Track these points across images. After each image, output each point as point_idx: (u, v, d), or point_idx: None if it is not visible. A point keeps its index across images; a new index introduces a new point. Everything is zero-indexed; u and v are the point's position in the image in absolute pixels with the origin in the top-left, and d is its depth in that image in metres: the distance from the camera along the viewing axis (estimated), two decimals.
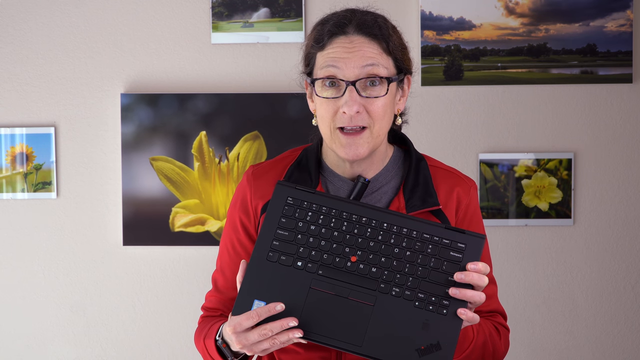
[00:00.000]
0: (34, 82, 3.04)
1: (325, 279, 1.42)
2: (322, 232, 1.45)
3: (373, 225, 1.45)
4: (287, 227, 1.45)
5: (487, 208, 2.99)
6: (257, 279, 1.43)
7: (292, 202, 1.46)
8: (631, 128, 3.00)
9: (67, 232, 3.04)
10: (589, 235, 3.01)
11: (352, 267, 1.43)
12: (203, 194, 3.00)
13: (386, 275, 1.42)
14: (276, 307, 1.39)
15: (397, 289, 1.41)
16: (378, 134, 1.57)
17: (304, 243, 1.44)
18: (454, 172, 1.69)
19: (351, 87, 1.53)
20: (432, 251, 1.43)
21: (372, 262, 1.43)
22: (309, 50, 1.61)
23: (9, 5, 3.03)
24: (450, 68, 2.98)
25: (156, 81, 3.02)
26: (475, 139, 3.01)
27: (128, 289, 3.05)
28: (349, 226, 1.45)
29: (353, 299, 1.42)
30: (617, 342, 3.02)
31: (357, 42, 1.55)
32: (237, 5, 3.00)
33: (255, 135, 2.99)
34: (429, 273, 1.42)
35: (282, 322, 1.38)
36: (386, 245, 1.44)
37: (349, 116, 1.54)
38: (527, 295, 3.01)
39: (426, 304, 1.41)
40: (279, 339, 1.39)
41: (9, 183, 3.03)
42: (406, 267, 1.42)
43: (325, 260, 1.43)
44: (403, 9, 2.99)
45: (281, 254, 1.44)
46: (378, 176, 1.64)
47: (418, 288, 1.41)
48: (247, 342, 1.40)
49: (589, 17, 2.97)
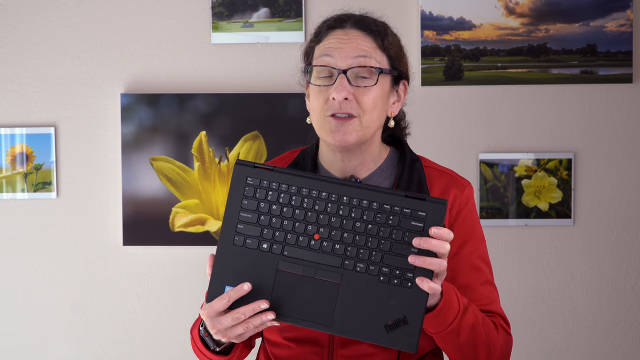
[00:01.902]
0: (34, 82, 3.04)
1: (291, 260, 1.41)
2: (283, 211, 1.42)
3: (333, 199, 1.41)
4: (249, 209, 1.43)
5: (487, 208, 2.99)
6: (226, 264, 1.42)
7: (251, 182, 1.43)
8: (631, 128, 3.00)
9: (67, 232, 3.05)
10: (589, 235, 3.01)
11: (315, 245, 1.41)
12: (203, 194, 3.00)
13: (349, 251, 1.40)
14: (243, 287, 1.39)
15: (361, 264, 1.39)
16: (367, 125, 1.58)
17: (267, 224, 1.42)
18: (449, 173, 1.69)
19: (342, 75, 1.56)
20: (393, 222, 1.39)
21: (334, 238, 1.40)
22: (308, 45, 1.66)
23: (9, 5, 3.03)
24: (450, 68, 2.98)
25: (156, 81, 3.02)
26: (475, 139, 3.01)
27: (128, 289, 3.05)
28: (309, 203, 1.41)
29: (320, 278, 1.40)
30: (617, 342, 3.02)
31: (352, 35, 1.60)
32: (237, 5, 3.00)
33: (255, 135, 2.99)
34: (392, 245, 1.39)
35: (253, 305, 1.38)
36: (347, 220, 1.40)
37: (338, 103, 1.55)
38: (527, 295, 3.01)
39: (390, 278, 1.38)
40: (252, 322, 1.39)
41: (9, 183, 3.03)
42: (369, 241, 1.39)
43: (289, 241, 1.41)
44: (403, 9, 2.99)
45: (246, 237, 1.42)
46: (372, 176, 1.65)
47: (382, 262, 1.39)
48: (221, 326, 1.41)
49: (589, 17, 2.97)
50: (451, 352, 1.55)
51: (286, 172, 1.44)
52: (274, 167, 1.44)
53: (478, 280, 1.63)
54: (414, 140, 2.98)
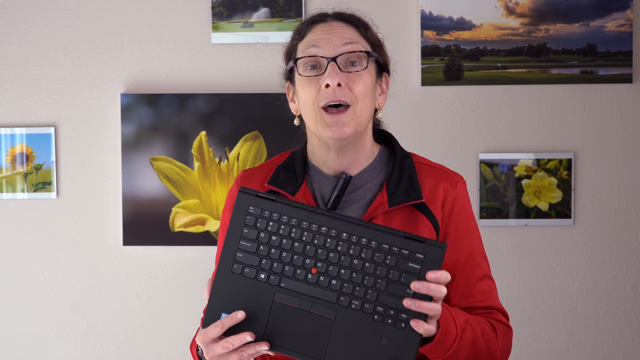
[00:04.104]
0: (34, 82, 3.04)
1: (287, 292, 1.41)
2: (283, 242, 1.42)
3: (332, 235, 1.41)
4: (249, 238, 1.43)
5: (487, 208, 2.99)
6: (223, 292, 1.43)
7: (253, 211, 1.44)
8: (631, 128, 3.00)
9: (67, 232, 3.05)
10: (589, 235, 3.01)
11: (312, 279, 1.41)
12: (203, 194, 3.00)
13: (345, 287, 1.40)
14: (237, 315, 1.40)
15: (356, 302, 1.40)
16: (361, 113, 1.59)
17: (266, 254, 1.43)
18: (440, 168, 1.69)
19: (332, 62, 1.57)
20: (390, 262, 1.39)
21: (331, 274, 1.41)
22: (290, 44, 1.67)
23: (9, 5, 3.03)
24: (450, 68, 2.98)
25: (156, 81, 3.02)
26: (475, 139, 3.01)
27: (128, 289, 3.05)
28: (308, 236, 1.42)
29: (314, 312, 1.41)
30: (617, 342, 3.02)
31: (336, 26, 1.62)
32: (237, 5, 3.00)
33: (255, 135, 2.99)
34: (388, 285, 1.39)
35: (240, 337, 1.39)
36: (345, 257, 1.41)
37: (332, 90, 1.56)
38: (527, 295, 3.01)
39: (384, 318, 1.38)
40: (246, 351, 1.40)
41: (9, 183, 3.03)
42: (365, 279, 1.39)
43: (286, 273, 1.42)
44: (403, 9, 2.99)
45: (245, 266, 1.43)
46: (362, 173, 1.65)
47: (377, 301, 1.39)
48: (214, 353, 1.42)
49: (589, 17, 2.97)
50: None
51: (288, 203, 1.44)
52: (276, 197, 1.45)
53: (475, 276, 1.63)
54: (414, 141, 2.99)
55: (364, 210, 1.62)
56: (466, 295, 1.62)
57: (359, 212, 1.62)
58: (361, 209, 1.62)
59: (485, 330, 1.57)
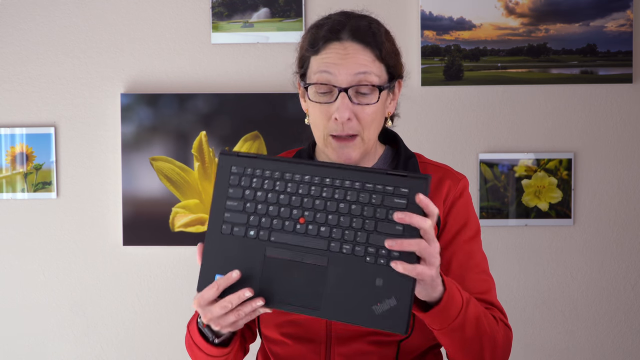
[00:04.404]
0: (34, 82, 3.04)
1: (278, 245, 1.40)
2: (268, 197, 1.42)
3: (316, 182, 1.41)
4: (235, 197, 1.43)
5: (487, 208, 2.99)
6: (215, 253, 1.43)
7: (236, 170, 1.44)
8: (631, 128, 3.00)
9: (67, 232, 3.05)
10: (589, 235, 3.01)
11: (301, 229, 1.40)
12: (203, 194, 3.00)
13: (335, 233, 1.39)
14: (232, 275, 1.39)
15: (347, 246, 1.38)
16: (368, 139, 1.59)
17: (253, 211, 1.42)
18: (444, 167, 1.69)
19: (343, 93, 1.55)
20: (376, 201, 1.37)
21: (319, 221, 1.39)
22: (303, 52, 1.63)
23: (9, 5, 3.03)
24: (450, 68, 2.98)
25: (156, 81, 3.02)
26: (475, 139, 3.01)
27: (128, 289, 3.05)
28: (292, 187, 1.41)
29: (307, 262, 1.39)
30: (617, 342, 3.02)
31: (351, 49, 1.57)
32: (237, 5, 3.00)
33: (255, 135, 2.99)
34: (377, 224, 1.36)
35: (238, 294, 1.38)
36: (331, 202, 1.39)
37: (341, 123, 1.55)
38: (527, 295, 3.01)
39: (377, 258, 1.36)
40: (243, 309, 1.39)
41: (9, 183, 3.03)
42: (353, 222, 1.37)
43: (275, 226, 1.41)
44: (403, 9, 2.99)
45: (233, 225, 1.42)
46: None
47: (367, 242, 1.37)
48: (212, 315, 1.41)
49: (589, 17, 2.97)
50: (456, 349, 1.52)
51: (269, 158, 1.44)
52: (257, 154, 1.45)
53: (473, 270, 1.62)
54: (414, 141, 2.99)
55: None
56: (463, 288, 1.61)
57: None
58: None
59: (487, 314, 1.55)
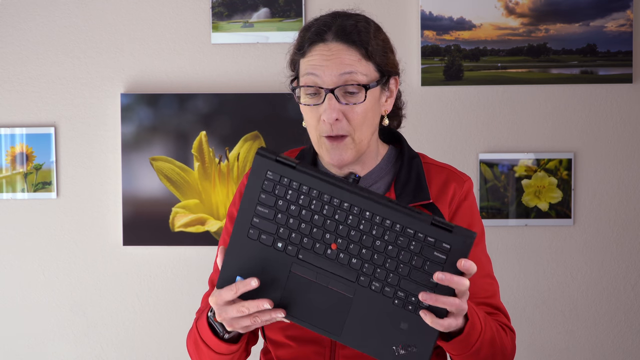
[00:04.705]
0: (34, 82, 3.04)
1: (305, 264, 1.38)
2: (302, 213, 1.37)
3: (355, 212, 1.36)
4: (266, 204, 1.38)
5: (487, 208, 2.99)
6: (238, 255, 1.39)
7: (271, 176, 1.38)
8: (631, 128, 3.00)
9: (67, 232, 3.05)
10: (589, 235, 3.01)
11: (332, 254, 1.37)
12: (203, 194, 3.00)
13: (366, 268, 1.36)
14: (251, 282, 1.37)
15: (377, 283, 1.36)
16: (360, 140, 1.58)
17: (284, 223, 1.37)
18: (448, 168, 1.68)
19: (330, 94, 1.54)
20: (415, 248, 1.34)
21: (352, 252, 1.36)
22: (292, 56, 1.65)
23: (9, 5, 3.03)
24: (450, 68, 2.98)
25: (156, 81, 3.02)
26: (475, 139, 3.01)
27: (128, 289, 3.05)
28: (329, 210, 1.36)
29: (333, 288, 1.38)
30: (617, 342, 3.02)
31: (335, 49, 1.56)
32: (237, 5, 3.00)
33: (255, 135, 2.99)
34: (411, 271, 1.34)
35: (257, 303, 1.37)
36: (367, 236, 1.36)
37: (329, 125, 1.55)
38: (527, 295, 3.01)
39: (405, 304, 1.35)
40: (260, 317, 1.38)
41: (9, 183, 3.03)
42: (387, 262, 1.35)
43: (305, 244, 1.37)
44: (403, 9, 2.99)
45: (261, 232, 1.38)
46: (370, 174, 1.65)
47: (398, 285, 1.35)
48: (226, 315, 1.40)
49: (589, 17, 2.97)
50: None
51: (310, 172, 1.38)
52: (296, 163, 1.38)
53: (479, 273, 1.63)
54: (415, 140, 2.98)
55: None
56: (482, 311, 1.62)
57: None
58: None
59: (499, 330, 1.56)
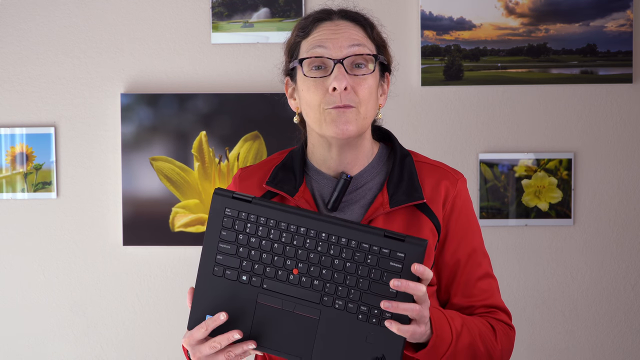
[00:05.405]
0: (34, 82, 3.04)
1: (270, 293, 1.41)
2: (262, 244, 1.41)
3: (311, 235, 1.40)
4: (227, 240, 1.42)
5: (487, 208, 2.99)
6: (206, 294, 1.43)
7: (230, 213, 1.42)
8: (631, 128, 3.00)
9: (67, 232, 3.05)
10: (589, 235, 3.01)
11: (294, 279, 1.40)
12: (203, 194, 3.00)
13: (328, 287, 1.40)
14: (220, 316, 1.39)
15: (339, 301, 1.39)
16: (365, 115, 1.58)
17: (246, 256, 1.41)
18: (440, 166, 1.68)
19: (339, 64, 1.55)
20: (371, 262, 1.38)
21: (313, 274, 1.40)
22: (293, 40, 1.64)
23: (9, 5, 3.03)
24: (450, 68, 2.98)
25: (156, 81, 3.02)
26: (475, 139, 3.01)
27: (128, 289, 3.05)
28: (287, 237, 1.41)
29: (298, 313, 1.41)
30: (617, 342, 3.02)
31: (343, 25, 1.59)
32: (237, 5, 3.00)
33: (255, 135, 2.99)
34: (370, 285, 1.38)
35: (227, 335, 1.39)
36: (326, 257, 1.40)
37: (338, 94, 1.55)
38: (527, 295, 3.01)
39: (369, 317, 1.38)
40: (233, 351, 1.40)
41: (9, 183, 3.03)
42: (347, 279, 1.39)
43: (268, 274, 1.41)
44: (403, 9, 2.99)
45: (225, 268, 1.42)
46: (362, 173, 1.64)
47: (360, 300, 1.38)
48: (200, 354, 1.41)
49: (589, 17, 2.97)
50: None
51: (265, 204, 1.42)
52: (252, 198, 1.42)
53: (476, 275, 1.63)
54: (414, 140, 2.99)
55: (364, 210, 1.61)
56: (467, 295, 1.62)
57: (359, 213, 1.61)
58: (362, 209, 1.62)
59: (483, 332, 1.56)
